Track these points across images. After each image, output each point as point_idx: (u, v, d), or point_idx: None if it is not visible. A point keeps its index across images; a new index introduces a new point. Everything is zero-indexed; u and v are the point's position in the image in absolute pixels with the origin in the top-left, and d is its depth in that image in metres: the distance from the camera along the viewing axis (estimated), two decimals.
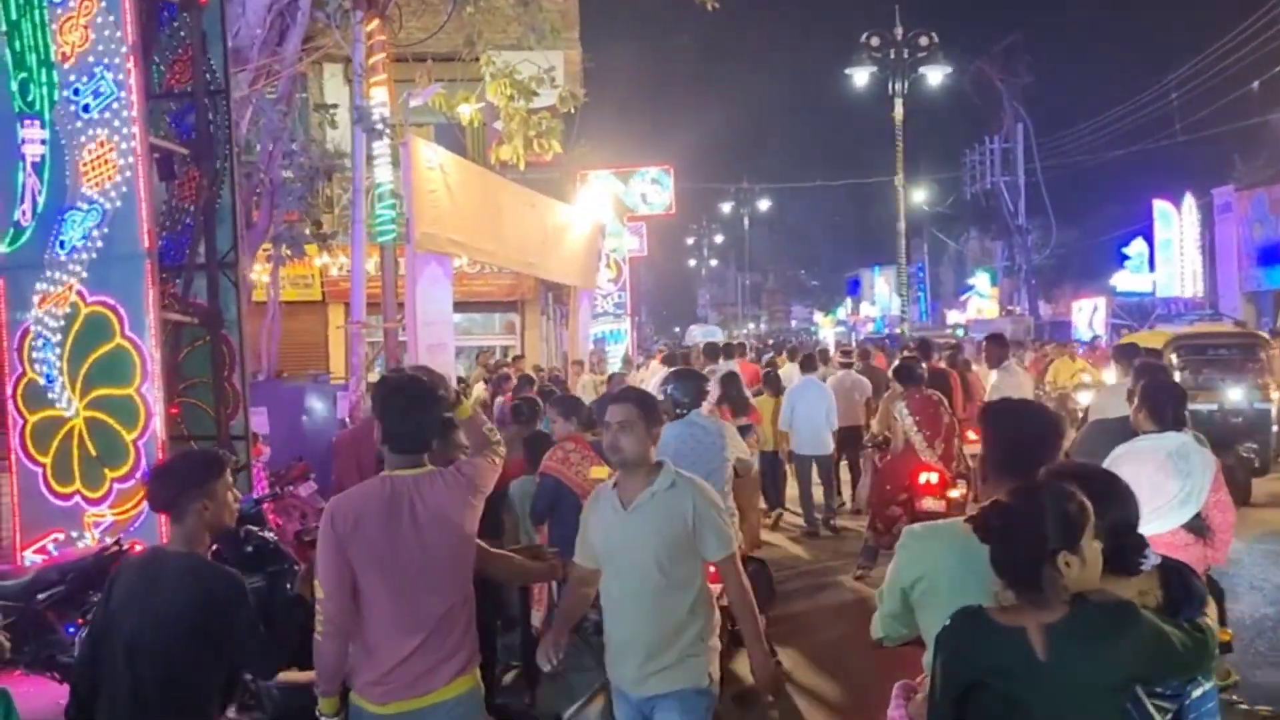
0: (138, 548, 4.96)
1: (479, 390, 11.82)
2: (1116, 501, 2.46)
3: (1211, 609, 2.52)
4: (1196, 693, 2.42)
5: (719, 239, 67.83)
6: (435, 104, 10.86)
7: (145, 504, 5.83)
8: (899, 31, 19.09)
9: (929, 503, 7.69)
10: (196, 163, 6.73)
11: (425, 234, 9.43)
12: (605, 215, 22.54)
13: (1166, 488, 3.80)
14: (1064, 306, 33.68)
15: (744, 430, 6.42)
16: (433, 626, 3.21)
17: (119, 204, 5.93)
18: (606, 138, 23.55)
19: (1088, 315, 28.18)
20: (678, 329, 51.24)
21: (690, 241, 69.33)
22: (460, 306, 17.59)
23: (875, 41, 19.01)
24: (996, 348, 10.06)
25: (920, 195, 41.14)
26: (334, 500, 3.34)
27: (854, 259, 60.62)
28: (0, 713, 3.28)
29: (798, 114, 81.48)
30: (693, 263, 73.38)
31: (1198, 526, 4.19)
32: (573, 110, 11.38)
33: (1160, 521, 3.69)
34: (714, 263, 72.65)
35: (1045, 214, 34.43)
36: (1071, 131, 34.01)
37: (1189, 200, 29.34)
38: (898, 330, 24.07)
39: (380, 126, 9.04)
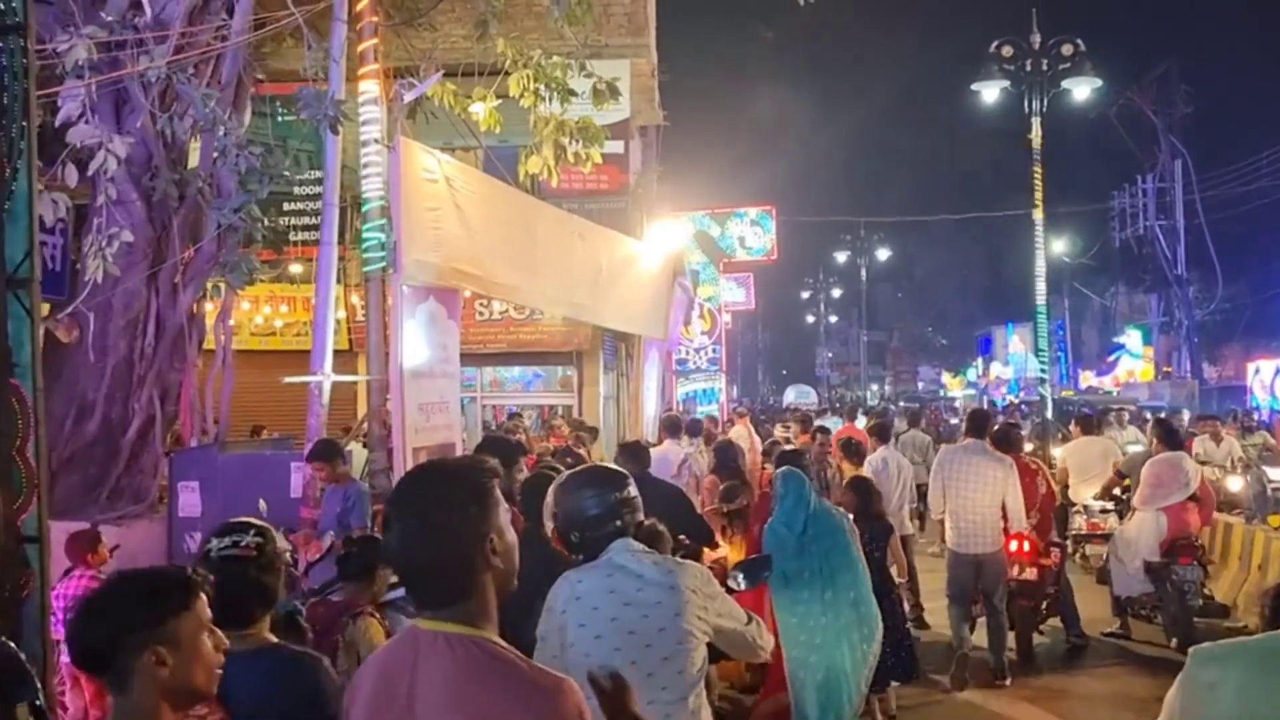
0: None
1: None
2: None
3: None
4: None
5: (837, 293, 64.61)
6: (438, 98, 8.66)
7: None
8: (1036, 39, 16.07)
9: (1019, 570, 7.80)
10: None
11: (416, 261, 7.40)
12: (696, 258, 20.19)
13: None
14: (1232, 368, 29.46)
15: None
16: None
17: None
18: (694, 169, 21.31)
19: (1267, 378, 24.05)
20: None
21: (806, 296, 66.34)
22: (515, 359, 15.47)
23: (1008, 51, 15.98)
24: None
25: (1060, 246, 37.38)
26: None
27: (985, 316, 56.93)
28: None
29: (915, 148, 76.35)
30: (811, 319, 70.18)
31: None
32: (611, 105, 8.96)
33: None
34: (834, 319, 69.23)
35: (1208, 263, 30.31)
36: (1239, 167, 29.95)
37: None
38: (1036, 394, 20.68)
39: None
